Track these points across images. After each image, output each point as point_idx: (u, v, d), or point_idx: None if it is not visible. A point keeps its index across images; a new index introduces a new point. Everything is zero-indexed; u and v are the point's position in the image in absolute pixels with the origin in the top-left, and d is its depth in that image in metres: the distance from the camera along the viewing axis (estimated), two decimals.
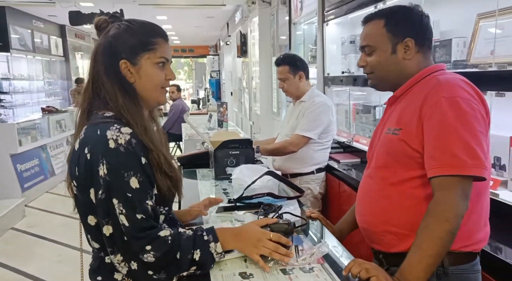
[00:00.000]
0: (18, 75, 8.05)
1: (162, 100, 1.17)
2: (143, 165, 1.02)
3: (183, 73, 20.93)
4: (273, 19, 5.29)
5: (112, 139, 1.00)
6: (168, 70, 1.15)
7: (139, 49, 1.09)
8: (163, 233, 1.02)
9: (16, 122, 5.32)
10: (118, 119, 1.05)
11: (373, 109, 2.63)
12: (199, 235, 1.08)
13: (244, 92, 7.85)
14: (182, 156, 2.58)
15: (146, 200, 1.02)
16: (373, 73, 1.26)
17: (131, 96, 1.10)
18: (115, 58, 1.09)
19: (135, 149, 1.01)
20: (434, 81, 1.15)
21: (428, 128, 1.10)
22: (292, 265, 1.10)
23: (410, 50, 1.20)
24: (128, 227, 0.98)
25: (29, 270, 3.22)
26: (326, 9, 3.21)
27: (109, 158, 0.99)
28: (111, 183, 0.99)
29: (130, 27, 1.11)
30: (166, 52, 1.14)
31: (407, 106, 1.18)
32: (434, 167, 1.07)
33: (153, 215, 1.03)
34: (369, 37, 1.25)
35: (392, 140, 1.19)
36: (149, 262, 0.99)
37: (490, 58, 1.51)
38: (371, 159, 1.31)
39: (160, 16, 8.93)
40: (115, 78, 1.09)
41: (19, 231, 4.17)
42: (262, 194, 1.67)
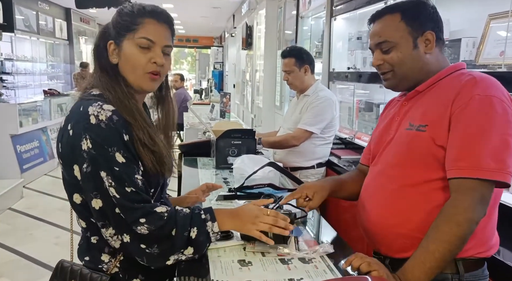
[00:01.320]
0: (22, 56, 8.01)
1: (146, 86, 1.10)
2: (125, 142, 1.00)
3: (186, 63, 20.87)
4: (281, 12, 5.26)
5: (93, 115, 0.99)
6: (154, 53, 1.07)
7: (122, 30, 1.07)
8: (159, 209, 1.01)
9: (18, 103, 5.31)
10: (103, 97, 1.04)
11: (376, 107, 2.62)
12: (196, 213, 1.07)
13: (247, 85, 7.83)
14: (183, 144, 2.58)
15: (135, 174, 1.00)
16: (393, 71, 1.16)
17: (110, 74, 1.08)
18: (105, 40, 1.10)
19: (116, 125, 0.99)
20: (467, 77, 1.07)
21: (456, 125, 1.03)
22: (292, 255, 1.11)
23: (431, 44, 1.13)
24: (120, 198, 0.97)
25: (26, 251, 3.23)
26: (335, 4, 3.19)
27: (92, 133, 0.98)
28: (97, 156, 0.97)
29: (123, 9, 1.09)
30: (153, 33, 1.07)
31: (433, 101, 1.11)
32: (454, 168, 1.01)
33: (143, 189, 1.02)
34: (386, 32, 1.15)
35: (416, 136, 1.10)
36: (142, 234, 0.98)
37: (500, 59, 1.50)
38: (380, 155, 1.23)
39: (166, 4, 8.87)
40: (99, 57, 1.10)
41: (17, 211, 4.18)
42: (263, 184, 1.67)
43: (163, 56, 1.09)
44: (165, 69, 1.12)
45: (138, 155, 1.04)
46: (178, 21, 11.81)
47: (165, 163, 1.11)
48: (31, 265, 3.02)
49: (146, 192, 1.03)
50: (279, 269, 1.04)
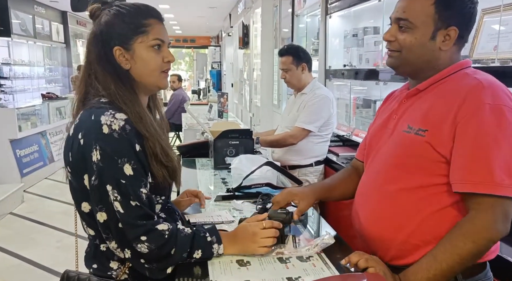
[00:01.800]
0: (19, 61, 8.01)
1: (162, 84, 1.12)
2: (137, 152, 1.00)
3: (184, 64, 20.85)
4: (276, 10, 5.26)
5: (106, 124, 0.97)
6: (165, 52, 1.09)
7: (130, 33, 1.05)
8: (161, 227, 1.00)
9: (16, 107, 5.31)
10: (113, 104, 1.03)
11: (373, 104, 2.63)
12: (202, 236, 1.06)
13: (245, 84, 7.83)
14: (181, 145, 2.58)
15: (140, 187, 1.00)
16: (400, 52, 1.08)
17: (125, 83, 1.06)
18: (108, 45, 1.05)
19: (129, 135, 0.99)
20: (474, 81, 1.00)
21: (463, 135, 0.97)
22: (291, 254, 1.11)
23: (449, 41, 1.05)
24: (123, 214, 0.97)
25: (28, 255, 3.23)
26: (329, 2, 3.19)
27: (102, 143, 0.97)
28: (104, 169, 0.97)
29: (120, 11, 1.06)
30: (161, 33, 1.08)
31: (435, 104, 1.04)
32: (467, 182, 0.96)
33: (148, 203, 1.01)
34: (412, 11, 1.05)
35: (415, 141, 1.04)
36: (142, 252, 0.98)
37: (493, 54, 1.51)
38: (377, 154, 1.18)
39: (162, 5, 8.86)
40: (107, 66, 1.06)
41: (18, 216, 4.19)
42: (261, 184, 1.68)
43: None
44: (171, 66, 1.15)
45: (149, 167, 1.04)
46: (174, 21, 11.80)
47: (178, 176, 1.12)
48: (34, 270, 3.03)
49: (150, 207, 1.02)
50: (277, 268, 1.05)
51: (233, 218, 1.38)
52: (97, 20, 1.08)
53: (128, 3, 1.10)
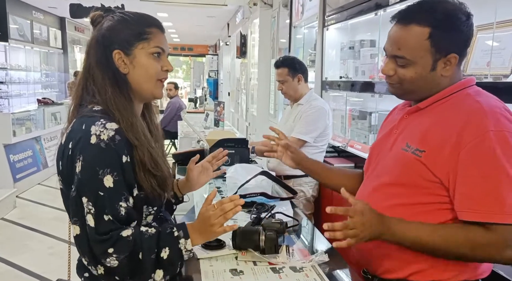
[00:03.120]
0: (16, 65, 7.99)
1: (157, 93, 1.11)
2: (122, 164, 0.98)
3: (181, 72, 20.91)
4: (274, 21, 5.31)
5: (95, 134, 0.97)
6: (164, 61, 1.10)
7: (132, 39, 1.06)
8: (125, 233, 0.98)
9: (11, 112, 5.29)
10: (106, 113, 1.02)
11: (369, 115, 2.65)
12: (168, 232, 1.03)
13: (242, 93, 7.86)
14: (177, 153, 2.59)
15: (120, 201, 0.98)
16: (401, 84, 1.08)
17: (122, 88, 1.06)
18: (108, 49, 1.06)
19: (117, 146, 0.97)
20: (475, 104, 0.99)
21: (469, 163, 0.96)
22: (284, 264, 1.12)
23: (450, 66, 1.03)
24: (93, 228, 0.95)
25: (19, 262, 3.20)
26: (327, 14, 3.24)
27: (86, 154, 0.96)
28: (82, 180, 0.96)
29: (124, 17, 1.08)
30: (162, 42, 1.10)
31: (435, 125, 1.03)
32: (476, 211, 0.95)
33: (124, 218, 0.98)
34: (407, 48, 1.03)
35: (412, 160, 1.04)
36: (113, 266, 0.96)
37: (486, 69, 1.54)
38: (375, 168, 1.18)
39: (161, 13, 8.91)
40: (107, 70, 1.05)
41: (9, 222, 4.14)
42: (256, 193, 1.68)
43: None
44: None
45: (135, 178, 1.02)
46: (173, 29, 11.86)
47: (167, 186, 1.10)
48: (25, 277, 2.99)
49: (126, 221, 0.99)
50: (270, 278, 1.05)
51: None
52: (98, 25, 1.09)
53: (131, 11, 1.12)
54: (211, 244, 1.19)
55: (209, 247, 1.19)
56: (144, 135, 1.05)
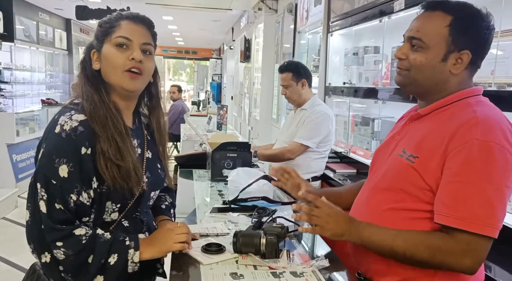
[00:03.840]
0: (21, 66, 8.03)
1: (126, 84, 1.09)
2: (81, 156, 1.00)
3: (185, 75, 20.97)
4: (278, 26, 5.33)
5: (60, 124, 1.01)
6: (133, 51, 1.08)
7: (101, 35, 1.11)
8: (78, 232, 0.99)
9: (15, 112, 5.32)
10: (81, 106, 1.06)
11: (372, 122, 2.65)
12: (120, 240, 1.03)
13: (245, 97, 7.88)
14: (179, 156, 2.59)
15: (71, 193, 0.99)
16: (409, 71, 1.07)
17: (93, 82, 1.10)
18: (88, 51, 1.13)
19: (77, 137, 1.00)
20: (470, 114, 0.99)
21: (449, 169, 0.97)
22: (284, 269, 1.11)
23: (461, 65, 1.03)
24: (45, 214, 0.98)
25: (19, 261, 3.20)
26: (331, 20, 3.25)
27: (48, 142, 1.01)
28: (40, 166, 1.00)
29: (103, 19, 1.14)
30: (129, 32, 1.09)
31: (432, 132, 1.04)
32: (447, 215, 0.96)
33: (73, 209, 1.00)
34: (426, 31, 1.03)
35: (405, 166, 1.05)
36: (58, 258, 0.98)
37: (490, 78, 1.54)
38: (374, 172, 1.20)
39: (166, 16, 8.96)
40: (83, 69, 1.13)
41: (11, 221, 4.15)
42: (257, 197, 1.68)
43: (142, 54, 1.09)
44: (146, 68, 1.11)
45: (96, 170, 1.02)
46: (177, 33, 11.91)
47: (131, 178, 1.06)
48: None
49: (75, 214, 1.01)
50: None
51: (228, 231, 1.38)
52: None
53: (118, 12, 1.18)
54: (211, 249, 1.19)
55: (209, 252, 1.18)
56: (113, 125, 1.06)
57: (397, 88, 2.16)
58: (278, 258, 1.15)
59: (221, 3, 6.57)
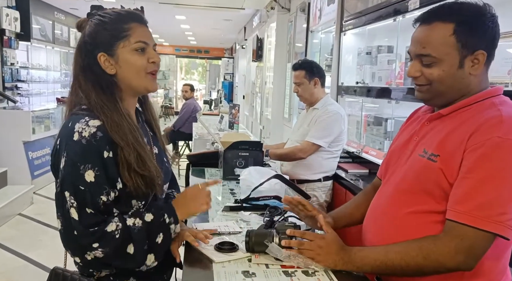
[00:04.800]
0: (37, 65, 8.17)
1: (150, 86, 1.13)
2: (104, 159, 1.01)
3: (197, 74, 21.08)
4: (291, 25, 5.32)
5: (78, 132, 1.01)
6: (150, 53, 1.11)
7: (112, 39, 1.07)
8: (110, 228, 1.01)
9: (31, 110, 5.41)
10: (92, 111, 1.06)
11: (384, 122, 2.63)
12: (161, 221, 1.08)
13: (257, 96, 7.88)
14: (191, 154, 2.61)
15: (101, 195, 1.01)
16: (429, 85, 1.04)
17: (106, 91, 1.08)
18: (92, 54, 1.08)
19: (98, 142, 1.01)
20: (495, 112, 0.97)
21: (466, 165, 0.95)
22: (298, 268, 1.11)
23: (479, 64, 1.00)
24: (77, 221, 0.99)
25: (34, 257, 3.27)
26: (344, 19, 3.23)
27: (69, 150, 1.01)
28: (66, 175, 1.00)
29: (102, 19, 1.09)
30: (143, 35, 1.10)
31: (454, 131, 1.01)
32: (452, 210, 0.96)
33: (104, 210, 1.03)
34: (432, 45, 1.00)
35: (427, 166, 1.02)
36: (98, 257, 1.01)
37: (507, 77, 1.51)
38: (392, 174, 1.17)
39: (179, 16, 9.02)
40: (90, 76, 1.08)
41: (26, 217, 4.23)
42: (269, 196, 1.69)
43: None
44: (158, 67, 1.16)
45: (118, 175, 1.04)
46: (190, 32, 11.96)
47: (155, 185, 1.11)
48: (39, 271, 3.05)
49: (108, 211, 1.03)
50: None
51: (240, 229, 1.39)
52: (83, 31, 1.12)
53: (109, 10, 1.12)
54: (224, 247, 1.20)
55: (222, 250, 1.19)
56: (132, 134, 1.06)
57: (411, 88, 2.14)
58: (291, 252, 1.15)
59: (234, 2, 6.58)
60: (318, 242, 1.10)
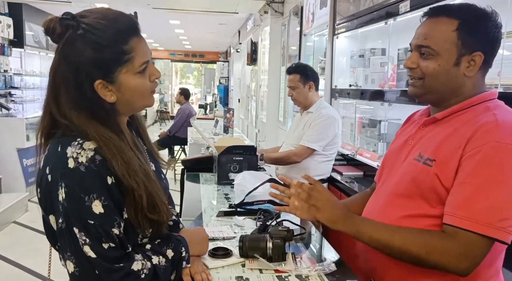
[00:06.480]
0: (30, 71, 8.15)
1: (150, 103, 1.01)
2: (108, 186, 0.88)
3: (192, 78, 21.08)
4: (284, 29, 5.34)
5: (72, 157, 0.86)
6: (151, 69, 0.97)
7: (113, 65, 0.91)
8: (136, 267, 0.90)
9: (25, 117, 5.39)
10: (81, 131, 0.89)
11: (378, 124, 2.64)
12: (180, 257, 1.00)
13: (252, 99, 7.90)
14: (186, 159, 2.60)
15: (113, 227, 0.88)
16: (423, 79, 1.05)
17: (107, 123, 0.92)
18: (86, 81, 0.90)
19: (98, 167, 0.86)
20: (490, 117, 0.98)
21: (464, 170, 0.96)
22: (290, 272, 1.11)
23: (474, 66, 1.01)
24: (96, 259, 0.86)
25: (29, 265, 3.24)
26: (337, 23, 3.25)
27: (68, 180, 0.86)
28: (70, 209, 0.86)
29: (91, 38, 0.88)
30: (145, 52, 0.94)
31: (450, 136, 1.02)
32: (453, 215, 0.95)
33: (119, 244, 0.89)
34: (433, 38, 1.02)
35: (422, 170, 1.03)
36: None
37: (497, 79, 1.52)
38: (387, 178, 1.18)
39: (173, 20, 9.03)
40: (86, 109, 0.91)
41: (21, 225, 4.20)
42: (263, 201, 1.68)
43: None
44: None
45: (123, 202, 0.91)
46: (184, 36, 11.98)
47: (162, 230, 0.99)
48: (34, 279, 3.03)
49: (122, 247, 0.90)
50: None
51: (234, 234, 1.38)
52: (61, 42, 0.92)
53: (95, 23, 0.89)
54: (218, 253, 1.20)
55: (216, 256, 1.19)
56: (142, 170, 0.93)
57: (404, 90, 2.15)
58: (284, 261, 1.15)
59: (227, 6, 6.60)
60: (327, 195, 1.12)
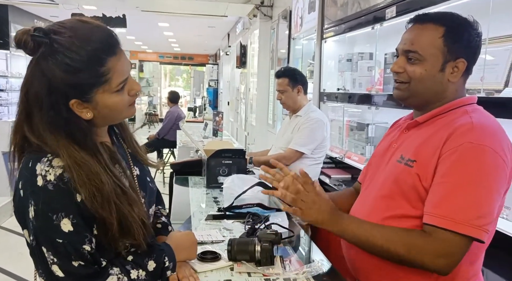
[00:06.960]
0: (16, 73, 8.04)
1: (130, 114, 0.99)
2: (77, 204, 0.85)
3: (181, 80, 21.01)
4: (273, 32, 5.36)
5: (41, 175, 0.84)
6: (130, 84, 0.93)
7: (88, 87, 0.88)
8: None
9: (11, 120, 5.31)
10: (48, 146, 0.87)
11: (366, 127, 2.68)
12: (163, 268, 0.98)
13: (241, 102, 7.90)
14: (175, 163, 2.60)
15: (83, 244, 0.85)
16: (409, 83, 1.09)
17: (82, 142, 0.89)
18: (61, 100, 0.87)
19: (67, 185, 0.84)
20: (466, 119, 1.02)
21: (440, 170, 1.00)
22: (278, 275, 1.12)
23: (458, 72, 1.06)
24: (64, 278, 0.84)
25: (15, 270, 3.20)
26: (325, 27, 3.28)
27: (36, 198, 0.84)
28: (39, 228, 0.85)
29: (65, 60, 0.84)
30: (123, 70, 0.91)
31: (429, 138, 1.06)
32: (432, 215, 0.98)
33: (91, 260, 0.87)
34: (420, 44, 1.06)
35: (404, 171, 1.07)
36: None
37: (480, 84, 1.56)
38: (371, 180, 1.22)
39: (162, 23, 9.01)
40: (60, 130, 0.88)
41: (6, 230, 4.13)
42: (252, 204, 1.69)
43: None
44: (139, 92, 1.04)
45: (95, 218, 0.87)
46: (173, 39, 11.94)
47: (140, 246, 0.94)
48: None
49: (96, 262, 0.88)
50: None
51: (223, 238, 1.39)
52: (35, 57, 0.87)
53: (71, 41, 0.85)
54: (207, 257, 1.20)
55: (205, 260, 1.19)
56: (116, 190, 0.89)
57: (390, 93, 2.19)
58: (273, 265, 1.16)
59: (216, 10, 6.61)
60: (313, 197, 1.12)
